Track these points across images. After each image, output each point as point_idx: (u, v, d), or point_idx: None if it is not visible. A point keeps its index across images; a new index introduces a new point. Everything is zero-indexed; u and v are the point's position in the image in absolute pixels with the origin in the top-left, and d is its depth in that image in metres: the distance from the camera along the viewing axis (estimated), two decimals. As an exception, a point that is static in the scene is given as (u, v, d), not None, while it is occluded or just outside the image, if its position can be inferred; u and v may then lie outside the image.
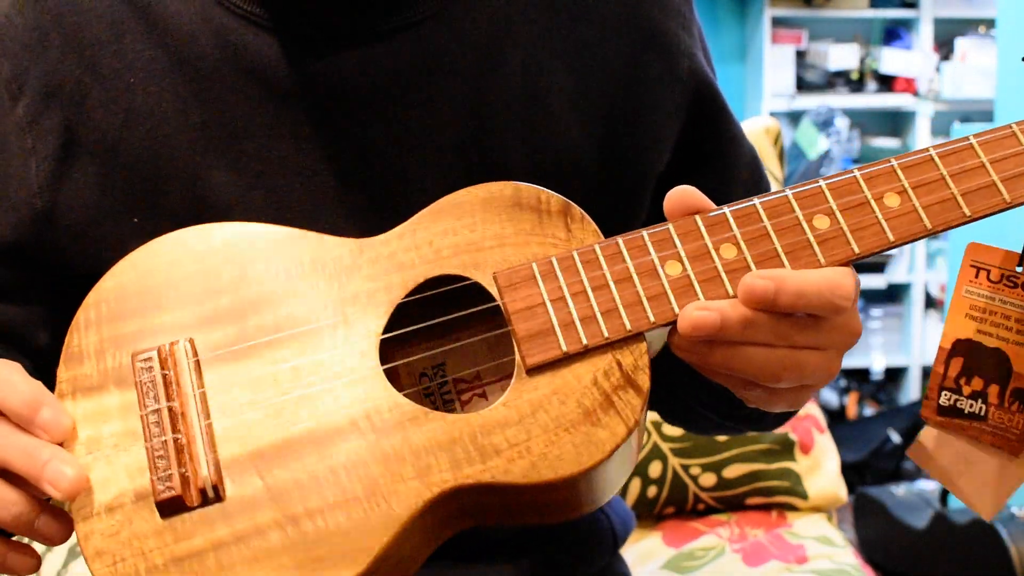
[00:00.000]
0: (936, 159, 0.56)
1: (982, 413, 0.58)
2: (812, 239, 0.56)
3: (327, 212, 0.66)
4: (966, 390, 0.59)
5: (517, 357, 0.56)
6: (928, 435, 0.60)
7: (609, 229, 0.69)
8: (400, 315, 0.59)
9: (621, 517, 0.86)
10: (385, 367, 0.57)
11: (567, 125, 0.69)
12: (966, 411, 0.59)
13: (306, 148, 0.65)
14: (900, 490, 2.55)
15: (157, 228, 0.63)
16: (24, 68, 0.66)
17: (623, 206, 0.71)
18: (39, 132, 0.65)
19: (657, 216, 0.73)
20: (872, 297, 3.81)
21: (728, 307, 0.54)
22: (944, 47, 3.91)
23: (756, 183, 0.77)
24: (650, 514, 1.35)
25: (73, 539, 0.54)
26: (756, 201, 0.58)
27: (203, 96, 0.65)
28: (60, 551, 1.19)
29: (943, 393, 0.59)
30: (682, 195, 0.58)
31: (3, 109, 0.66)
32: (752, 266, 0.56)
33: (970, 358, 0.58)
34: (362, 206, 0.66)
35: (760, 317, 0.54)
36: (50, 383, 0.70)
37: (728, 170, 0.75)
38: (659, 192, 0.72)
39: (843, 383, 3.64)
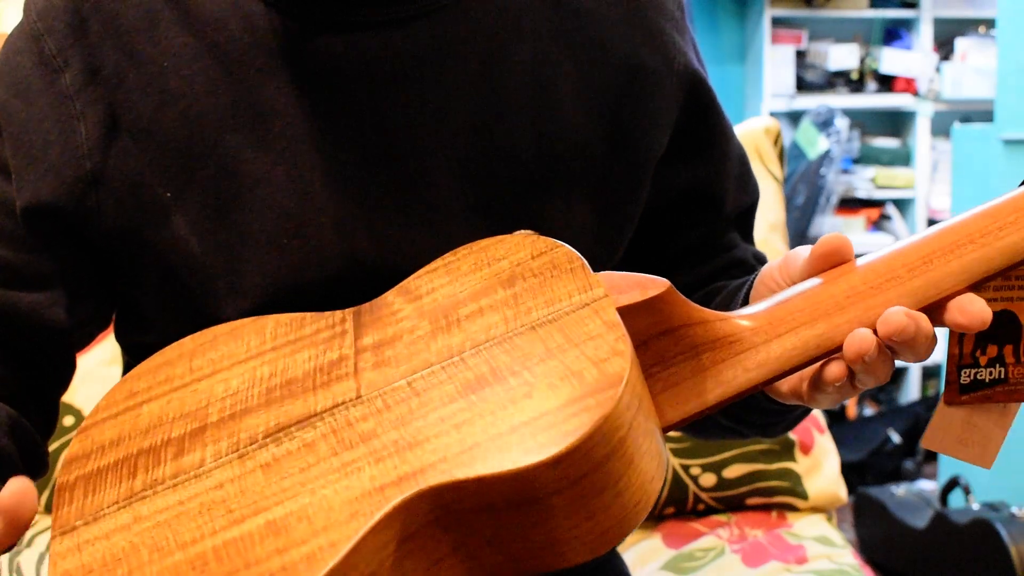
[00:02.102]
0: None
1: (1002, 376, 0.59)
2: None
3: (347, 188, 0.68)
4: (983, 360, 0.58)
5: None
6: (936, 421, 0.60)
7: (611, 207, 0.73)
8: None
9: None
10: None
11: (573, 112, 0.72)
12: (987, 380, 0.59)
13: (328, 127, 0.68)
14: (900, 490, 2.55)
15: (189, 202, 0.67)
16: (68, 45, 0.69)
17: (625, 188, 0.74)
18: (86, 100, 0.68)
19: (654, 196, 0.77)
20: (872, 297, 3.81)
21: (923, 320, 0.54)
22: (944, 47, 3.91)
23: (745, 181, 0.80)
24: (650, 514, 1.35)
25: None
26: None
27: (232, 78, 0.68)
28: (60, 551, 1.19)
29: (962, 372, 0.59)
30: (834, 244, 0.57)
31: (45, 83, 0.69)
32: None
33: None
34: (381, 181, 0.69)
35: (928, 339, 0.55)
36: (68, 363, 0.74)
37: (721, 162, 0.78)
38: (657, 174, 0.76)
39: (843, 383, 3.64)
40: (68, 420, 1.32)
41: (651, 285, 0.54)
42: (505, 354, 0.52)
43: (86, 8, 0.69)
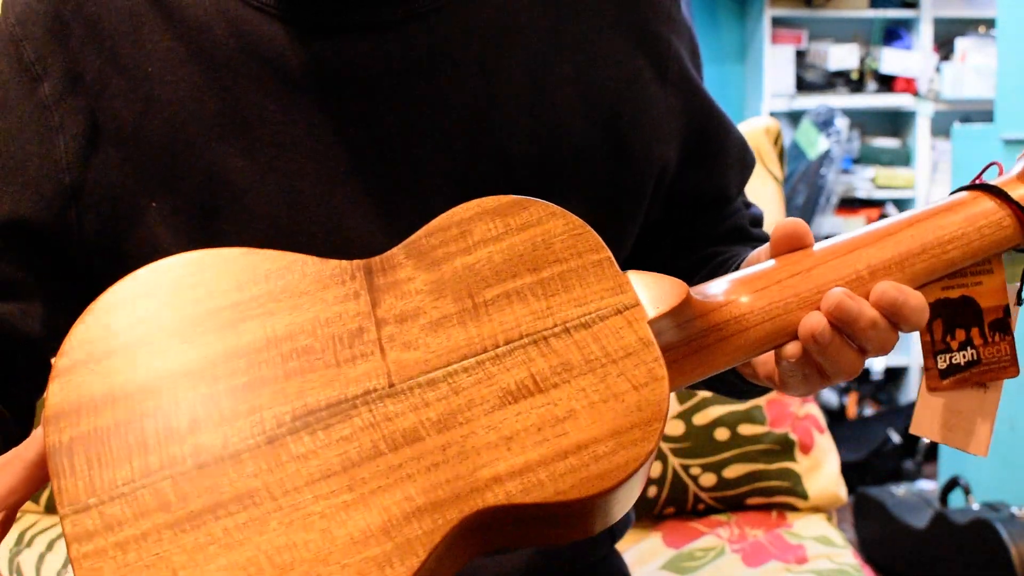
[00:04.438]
0: None
1: (976, 358, 0.62)
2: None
3: (339, 195, 0.67)
4: (954, 344, 0.62)
5: None
6: (920, 408, 0.63)
7: (613, 213, 0.73)
8: None
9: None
10: None
11: (572, 117, 0.71)
12: (962, 364, 0.62)
13: (318, 134, 0.67)
14: (900, 490, 2.55)
15: (175, 211, 0.65)
16: (48, 52, 0.67)
17: (626, 195, 0.73)
18: (66, 110, 0.66)
19: (665, 203, 0.77)
20: (872, 297, 3.81)
21: (866, 304, 0.57)
22: (944, 47, 3.92)
23: (744, 160, 0.82)
24: (650, 514, 1.35)
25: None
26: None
27: (218, 85, 0.66)
28: (60, 551, 1.19)
29: (938, 358, 0.62)
30: (791, 228, 0.60)
31: (24, 91, 0.67)
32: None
33: (946, 315, 0.62)
34: (374, 189, 0.67)
35: (882, 322, 0.57)
36: (42, 369, 0.71)
37: (724, 160, 0.80)
38: (670, 190, 0.76)
39: (843, 383, 3.64)
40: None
41: (673, 291, 0.55)
42: (542, 358, 0.52)
43: (67, 12, 0.67)
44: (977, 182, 0.63)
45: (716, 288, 0.59)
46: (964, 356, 0.62)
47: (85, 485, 0.48)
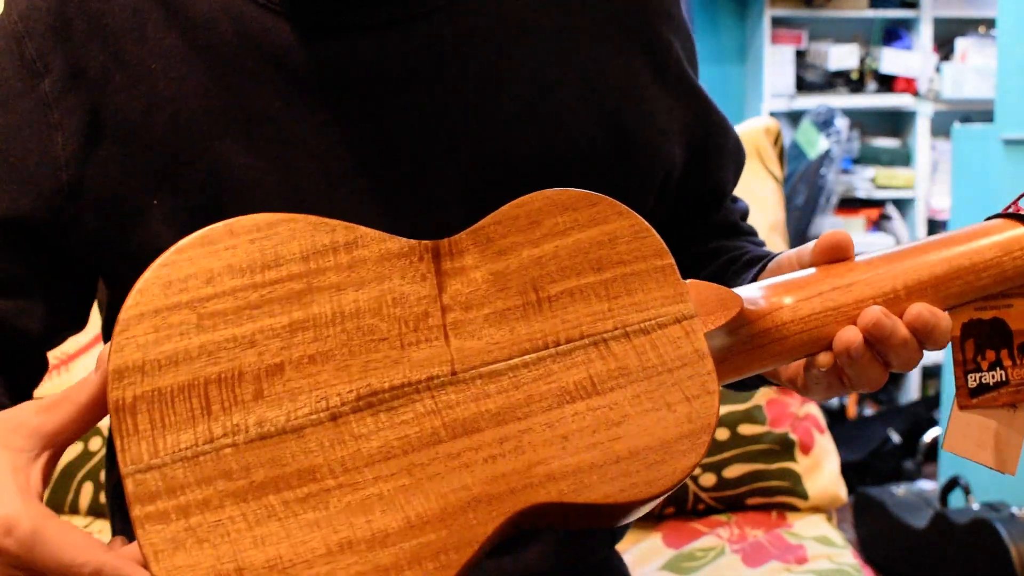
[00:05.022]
0: None
1: (1004, 379, 0.64)
2: None
3: (343, 193, 0.67)
4: (984, 365, 0.64)
5: None
6: (952, 425, 0.65)
7: None
8: None
9: None
10: None
11: (575, 116, 0.71)
12: (991, 384, 0.64)
13: (322, 131, 0.67)
14: (900, 490, 2.55)
15: (177, 209, 0.65)
16: (49, 49, 0.66)
17: (632, 194, 0.73)
18: (66, 108, 0.66)
19: (666, 212, 0.78)
20: (872, 297, 3.81)
21: (900, 324, 0.60)
22: (944, 47, 3.91)
23: (738, 156, 0.83)
24: (650, 514, 1.35)
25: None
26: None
27: (223, 82, 0.66)
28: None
29: (969, 377, 0.64)
30: (837, 240, 0.63)
31: (25, 87, 0.67)
32: None
33: (978, 336, 0.64)
34: (377, 187, 0.67)
35: (912, 341, 0.60)
36: (39, 366, 0.72)
37: (723, 159, 0.81)
38: (675, 189, 0.78)
39: (844, 383, 3.64)
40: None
41: (730, 304, 0.57)
42: (601, 360, 0.54)
43: (70, 8, 0.67)
44: (1012, 211, 0.65)
45: (760, 294, 0.60)
46: (993, 376, 0.64)
47: (148, 446, 0.48)
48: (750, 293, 0.60)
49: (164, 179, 0.66)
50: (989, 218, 0.66)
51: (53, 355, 0.87)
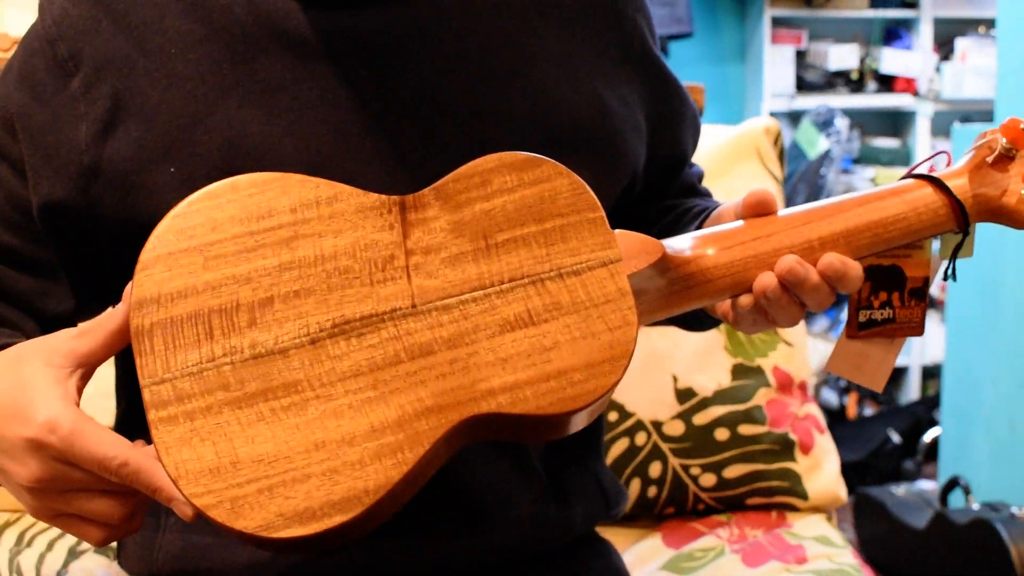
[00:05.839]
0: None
1: (891, 316, 0.73)
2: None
3: (353, 156, 0.73)
4: (875, 303, 0.73)
5: None
6: (836, 351, 0.74)
7: (604, 172, 0.79)
8: None
9: (609, 478, 0.91)
10: None
11: (556, 83, 0.77)
12: (879, 320, 0.73)
13: (332, 100, 0.73)
14: (900, 490, 2.55)
15: (192, 176, 0.71)
16: (79, 48, 0.74)
17: (611, 156, 0.81)
18: (91, 99, 0.73)
19: (644, 175, 0.86)
20: (872, 297, 3.81)
21: (812, 271, 0.67)
22: (944, 47, 3.92)
23: (696, 125, 0.91)
24: (650, 514, 1.35)
25: (72, 539, 0.55)
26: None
27: (238, 59, 0.73)
28: (60, 551, 1.19)
29: (860, 312, 0.73)
30: (761, 196, 0.70)
31: (58, 86, 0.74)
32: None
33: (875, 279, 0.72)
34: (385, 149, 0.73)
35: (824, 286, 0.67)
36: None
37: (682, 127, 0.89)
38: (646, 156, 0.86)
39: (843, 383, 3.64)
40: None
41: (652, 250, 0.66)
42: (538, 296, 0.62)
43: (99, 11, 0.74)
44: (923, 171, 0.73)
45: (688, 244, 0.69)
46: (882, 314, 0.73)
47: (162, 363, 0.59)
48: (681, 242, 0.68)
49: (181, 146, 0.72)
50: (903, 178, 0.73)
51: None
